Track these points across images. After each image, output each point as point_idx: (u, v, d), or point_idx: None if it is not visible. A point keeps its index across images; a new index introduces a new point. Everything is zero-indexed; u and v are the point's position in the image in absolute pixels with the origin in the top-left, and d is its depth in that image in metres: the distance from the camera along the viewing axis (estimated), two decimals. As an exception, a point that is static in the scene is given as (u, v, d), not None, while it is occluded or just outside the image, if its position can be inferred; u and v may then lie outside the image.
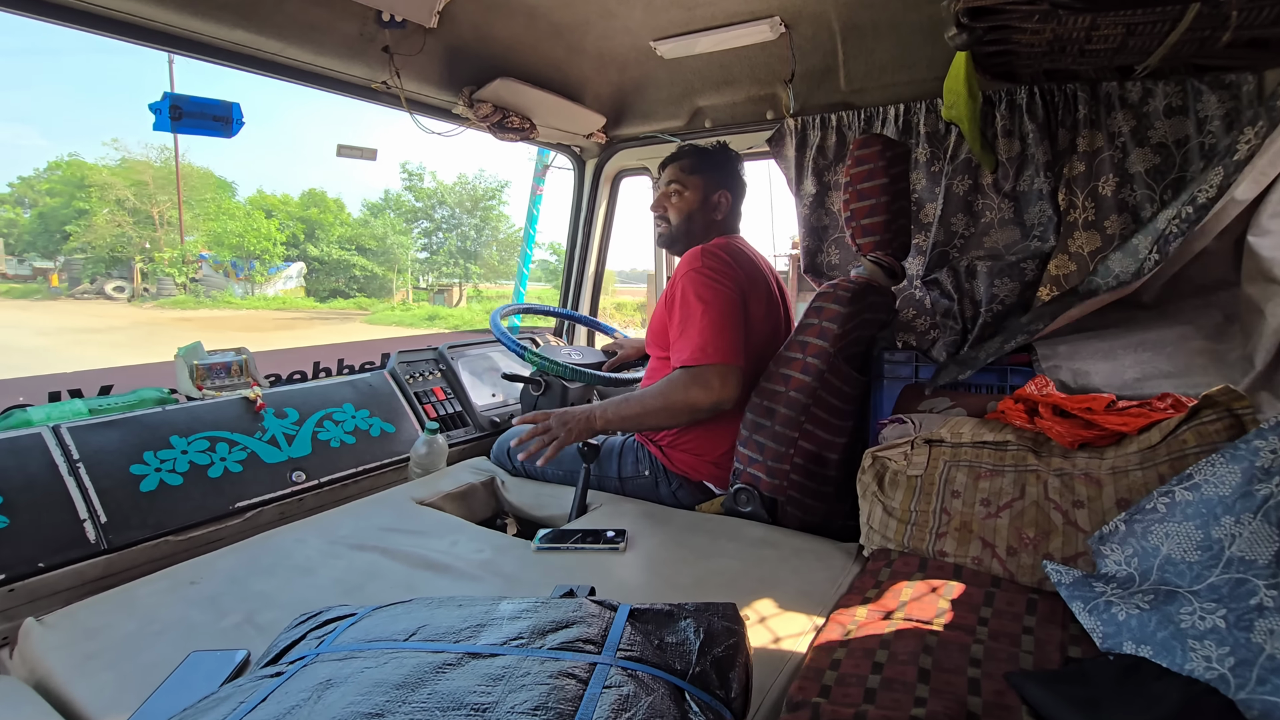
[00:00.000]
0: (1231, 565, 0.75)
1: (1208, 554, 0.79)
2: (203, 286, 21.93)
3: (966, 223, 1.74)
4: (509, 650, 0.65)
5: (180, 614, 1.01)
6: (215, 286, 21.96)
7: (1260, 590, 0.71)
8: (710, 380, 1.35)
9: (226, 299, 21.48)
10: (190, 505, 1.34)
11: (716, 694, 0.65)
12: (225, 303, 21.22)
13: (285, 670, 0.67)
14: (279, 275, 22.73)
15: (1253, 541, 0.75)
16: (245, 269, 22.28)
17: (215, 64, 1.39)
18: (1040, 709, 0.72)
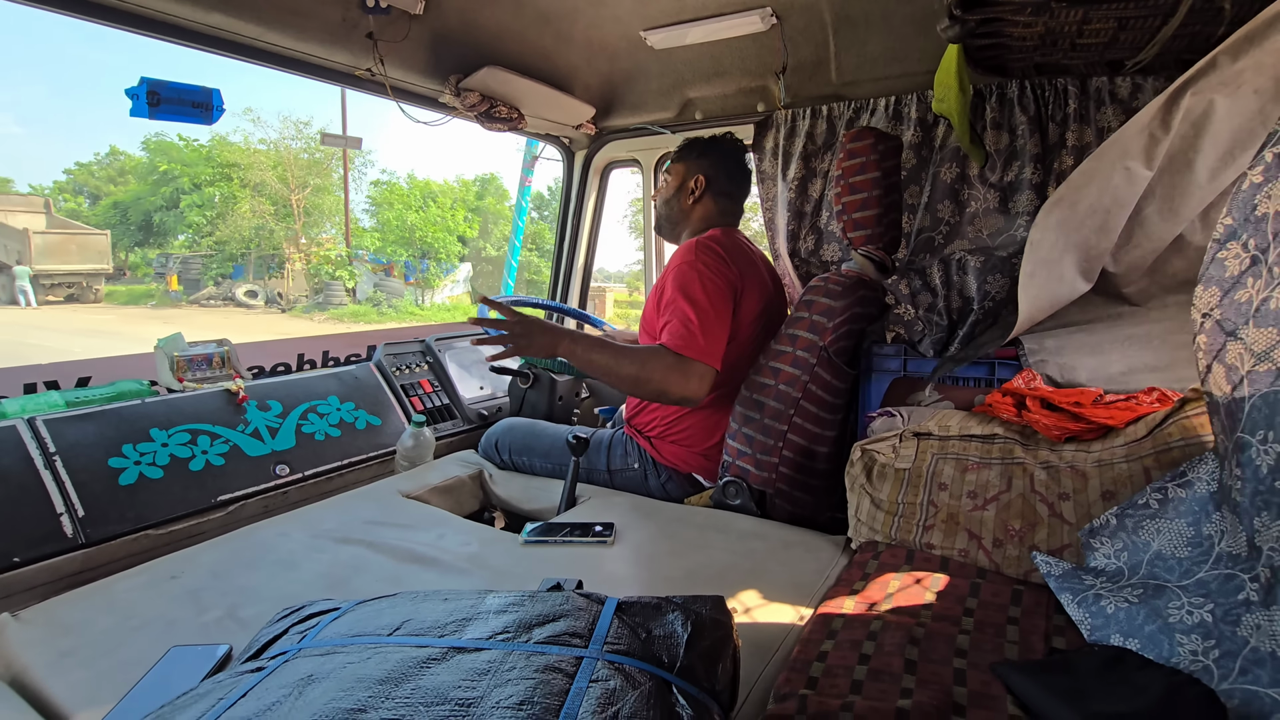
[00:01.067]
0: (1221, 561, 0.76)
1: (1198, 550, 0.79)
2: (382, 293, 17.72)
3: (952, 210, 1.74)
4: (495, 644, 0.65)
5: (160, 609, 0.99)
6: (393, 293, 17.81)
7: (1246, 585, 0.72)
8: (691, 374, 1.34)
9: (409, 308, 17.17)
10: (171, 499, 1.32)
11: (703, 686, 0.65)
12: (409, 313, 16.74)
13: (266, 666, 0.66)
14: (449, 279, 18.84)
15: (1234, 535, 0.76)
16: (418, 270, 18.32)
17: (192, 48, 1.36)
18: (1025, 699, 0.72)
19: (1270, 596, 0.68)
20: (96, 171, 23.39)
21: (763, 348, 1.49)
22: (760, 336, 1.54)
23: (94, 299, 18.08)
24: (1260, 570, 0.70)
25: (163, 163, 19.22)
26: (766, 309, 1.58)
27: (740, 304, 1.48)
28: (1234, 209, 0.72)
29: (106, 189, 22.39)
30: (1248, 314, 0.71)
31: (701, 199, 1.64)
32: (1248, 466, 0.70)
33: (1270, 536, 0.68)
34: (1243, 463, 0.71)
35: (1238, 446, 0.72)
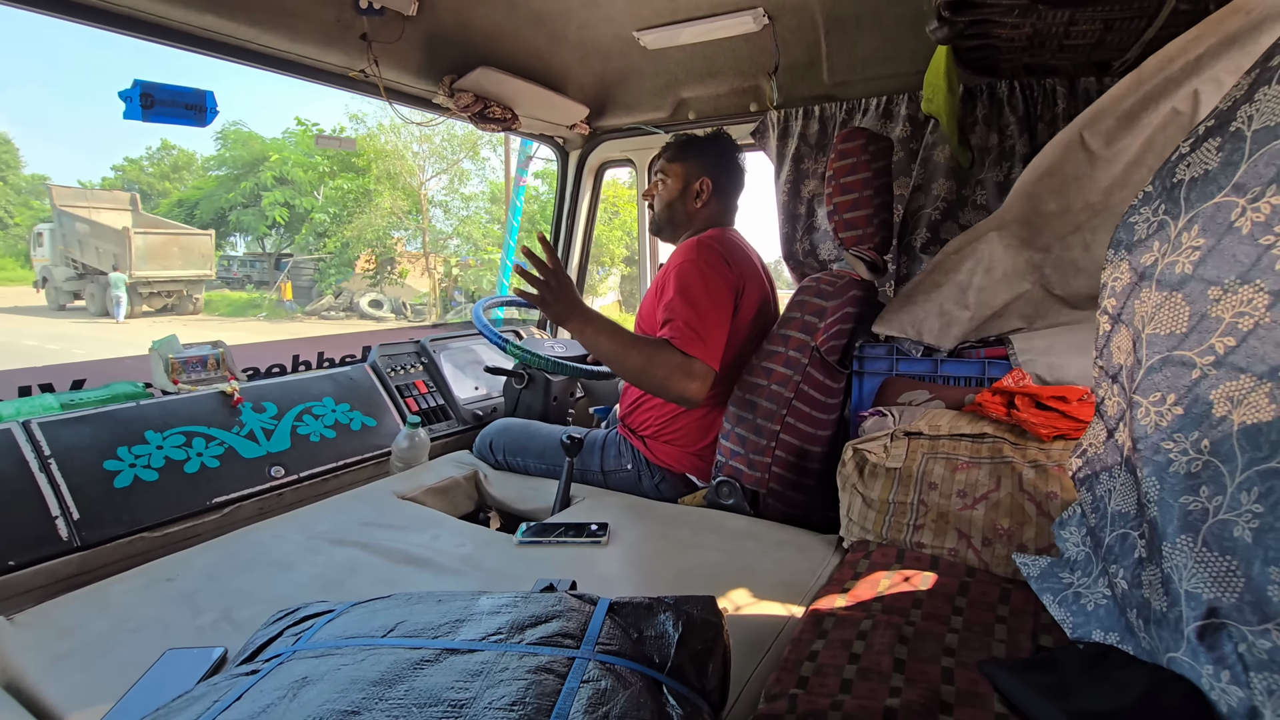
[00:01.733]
0: (1115, 522, 0.77)
1: (1098, 515, 0.81)
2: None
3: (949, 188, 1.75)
4: (487, 646, 0.65)
5: (156, 612, 1.00)
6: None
7: (1138, 543, 0.73)
8: (695, 375, 1.34)
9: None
10: (166, 501, 1.33)
11: (694, 686, 0.66)
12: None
13: (261, 668, 0.67)
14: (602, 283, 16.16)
15: (1124, 494, 0.77)
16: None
17: (184, 50, 1.36)
18: (1011, 697, 0.73)
19: (1151, 551, 0.69)
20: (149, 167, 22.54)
21: (757, 348, 1.50)
22: (755, 337, 1.55)
23: (193, 310, 16.55)
24: (1145, 526, 0.71)
25: (245, 154, 17.57)
26: (762, 309, 1.59)
27: (739, 305, 1.49)
28: (1156, 177, 0.74)
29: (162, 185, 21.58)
30: (1151, 278, 0.72)
31: (708, 202, 1.62)
32: (1136, 425, 0.72)
33: (1150, 491, 0.70)
34: (1135, 420, 0.73)
35: (1131, 406, 0.74)
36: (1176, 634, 0.64)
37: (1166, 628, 0.66)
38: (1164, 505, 0.66)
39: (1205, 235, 0.66)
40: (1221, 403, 0.63)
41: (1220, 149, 0.67)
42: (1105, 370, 0.81)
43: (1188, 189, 0.69)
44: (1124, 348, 0.78)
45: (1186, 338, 0.67)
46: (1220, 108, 0.69)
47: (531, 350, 1.74)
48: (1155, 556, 0.69)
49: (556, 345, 2.18)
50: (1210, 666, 0.60)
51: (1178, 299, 0.69)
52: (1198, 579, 0.62)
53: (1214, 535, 0.62)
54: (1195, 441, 0.65)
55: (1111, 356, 0.80)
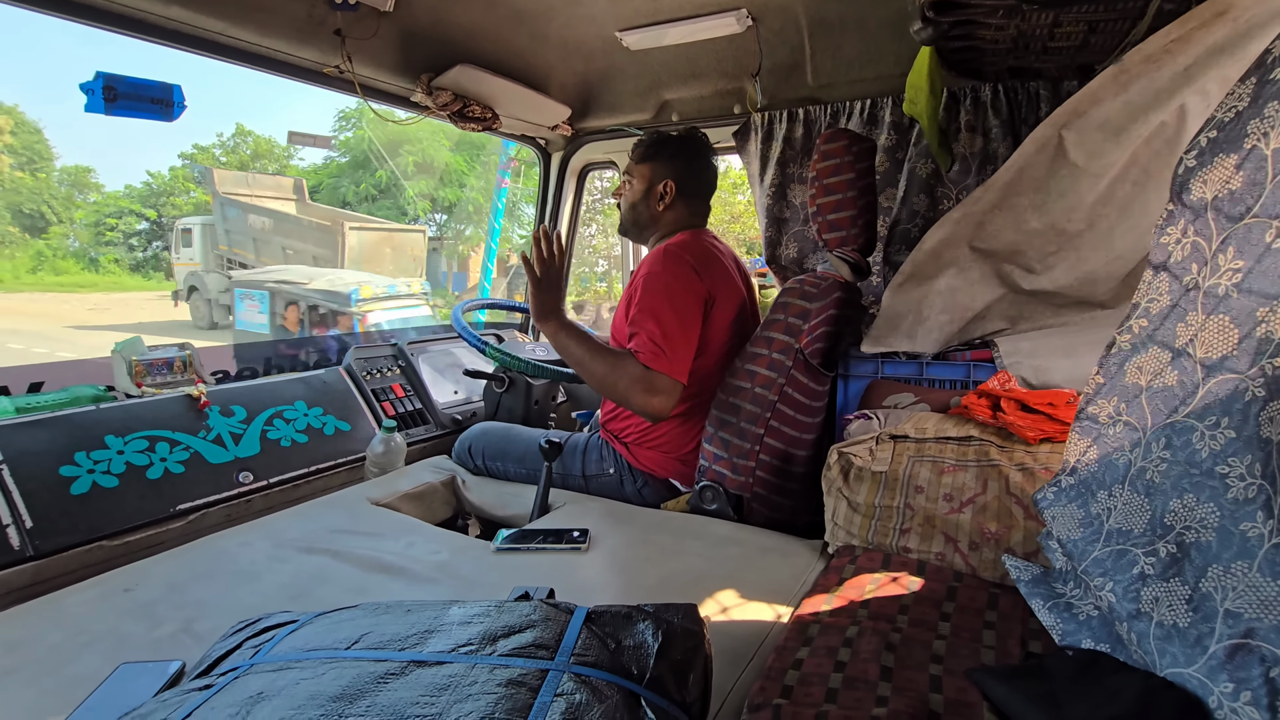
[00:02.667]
0: (1111, 538, 0.76)
1: (1089, 530, 0.80)
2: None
3: (927, 204, 1.75)
4: (457, 658, 0.62)
5: (111, 624, 0.95)
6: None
7: (1141, 560, 0.72)
8: (659, 389, 1.35)
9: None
10: (127, 508, 1.27)
11: (673, 698, 0.63)
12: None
13: (216, 683, 0.63)
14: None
15: (1126, 512, 0.76)
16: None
17: (151, 42, 1.32)
18: (1001, 705, 0.71)
19: (1170, 570, 0.68)
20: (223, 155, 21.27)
21: (735, 352, 1.48)
22: (734, 341, 1.53)
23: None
24: (1160, 545, 0.70)
25: (379, 135, 14.99)
26: (740, 313, 1.56)
27: (712, 313, 1.46)
28: (1173, 195, 0.73)
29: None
30: (1194, 299, 0.71)
31: (672, 204, 1.59)
32: (1184, 450, 0.71)
33: (1190, 517, 0.68)
34: (1178, 446, 0.72)
35: (1174, 430, 0.72)
36: (1196, 649, 0.63)
37: (1183, 643, 0.64)
38: (1224, 531, 0.65)
39: (1242, 257, 0.65)
40: (1267, 425, 0.62)
41: (1240, 167, 0.66)
42: (1109, 387, 0.80)
43: (1214, 209, 0.68)
44: (1149, 369, 0.76)
45: (1238, 360, 0.66)
46: (1220, 118, 0.68)
47: (512, 353, 1.71)
48: (1180, 575, 0.67)
49: (538, 348, 2.15)
50: (1229, 685, 0.59)
51: (1224, 321, 0.68)
52: (1243, 600, 0.61)
53: (1268, 561, 0.60)
54: (1250, 466, 0.64)
55: (1123, 375, 0.79)
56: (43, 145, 23.49)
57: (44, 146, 23.55)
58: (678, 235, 1.55)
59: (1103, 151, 1.11)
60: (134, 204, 24.33)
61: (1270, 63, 0.64)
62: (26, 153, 22.74)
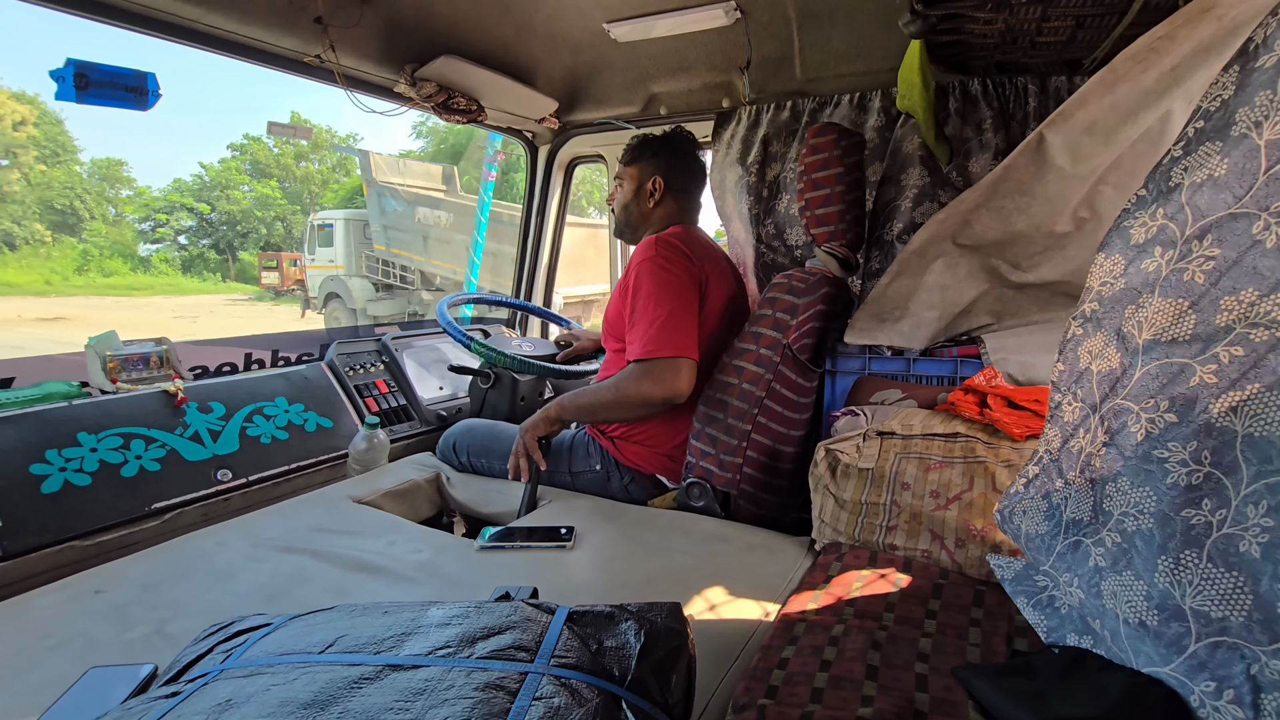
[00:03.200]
0: (1068, 530, 0.76)
1: (1051, 522, 0.79)
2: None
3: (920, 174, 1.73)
4: (433, 661, 0.60)
5: (81, 626, 0.92)
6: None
7: (1092, 551, 0.72)
8: (662, 374, 1.33)
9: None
10: (100, 507, 1.24)
11: (655, 700, 0.62)
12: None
13: (183, 689, 0.61)
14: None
15: (1079, 500, 0.76)
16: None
17: (125, 29, 1.28)
18: (987, 704, 0.71)
19: (1121, 562, 0.67)
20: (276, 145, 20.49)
21: (724, 346, 1.47)
22: (723, 334, 1.52)
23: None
24: (1106, 535, 0.70)
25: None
26: (730, 305, 1.56)
27: (705, 297, 1.46)
28: (1150, 181, 0.72)
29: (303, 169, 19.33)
30: (1153, 283, 0.70)
31: (662, 200, 1.61)
32: (1120, 433, 0.70)
33: (1126, 501, 0.68)
34: (1114, 429, 0.71)
35: (1114, 412, 0.72)
36: (1173, 650, 0.62)
37: (1158, 643, 0.63)
38: (1162, 518, 0.63)
39: (1221, 246, 0.64)
40: (1224, 413, 0.61)
41: (1225, 154, 0.64)
42: (1069, 373, 0.79)
43: (1190, 194, 0.67)
44: (1095, 352, 0.76)
45: (1189, 344, 0.65)
46: (1206, 107, 0.67)
47: (498, 348, 1.69)
48: (1135, 567, 0.66)
49: (524, 344, 2.12)
50: (1210, 684, 0.58)
51: (1182, 305, 0.66)
52: (1204, 596, 0.60)
53: (1219, 550, 0.59)
54: (1195, 452, 0.62)
55: (1078, 361, 0.78)
56: (65, 137, 22.79)
57: (67, 138, 22.87)
58: (669, 229, 1.54)
59: (1090, 154, 1.11)
60: (185, 198, 23.50)
61: (1253, 50, 0.63)
62: (50, 145, 21.97)
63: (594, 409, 1.42)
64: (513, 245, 2.58)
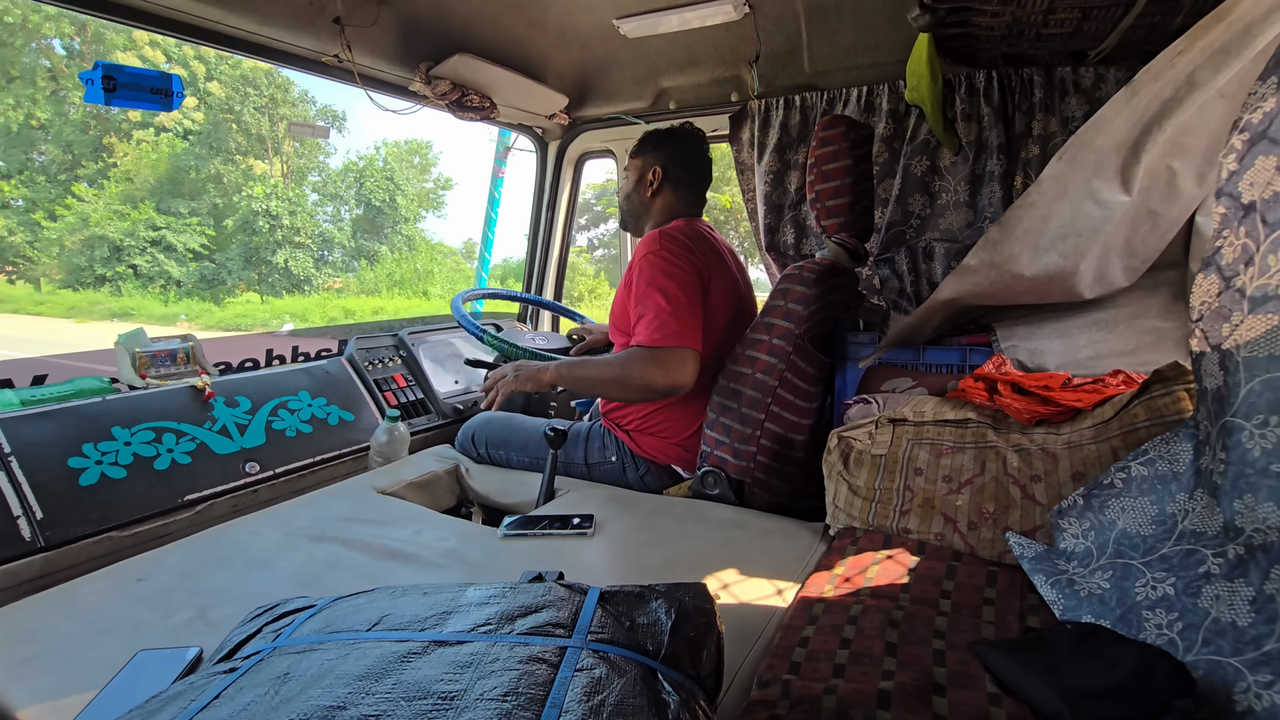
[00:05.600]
0: (1184, 538, 0.78)
1: (1161, 528, 0.81)
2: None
3: (923, 203, 1.77)
4: (477, 637, 0.64)
5: (126, 612, 0.96)
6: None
7: (1208, 559, 0.74)
8: (668, 363, 1.35)
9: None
10: (135, 499, 1.28)
11: (688, 673, 0.65)
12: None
13: (240, 666, 0.65)
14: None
15: (1204, 515, 0.78)
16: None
17: (151, 31, 1.31)
18: (1003, 676, 0.74)
19: (1237, 570, 0.70)
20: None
21: (734, 338, 1.49)
22: (730, 326, 1.55)
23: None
24: (1230, 547, 0.72)
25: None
26: (735, 299, 1.58)
27: (709, 290, 1.48)
28: (1223, 197, 0.74)
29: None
30: (1242, 300, 0.72)
31: (660, 190, 1.63)
32: (1235, 449, 0.72)
33: (1255, 518, 0.70)
34: (1229, 446, 0.73)
35: (1225, 430, 0.74)
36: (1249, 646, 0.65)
37: (1236, 639, 0.66)
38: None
39: None
40: None
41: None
42: (1199, 392, 0.81)
43: (1263, 210, 0.69)
44: (1207, 371, 0.78)
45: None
46: (1248, 119, 0.69)
47: (511, 342, 1.72)
48: (1245, 575, 0.69)
49: (537, 337, 2.16)
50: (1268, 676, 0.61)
51: (1272, 320, 0.69)
52: None
53: None
54: None
55: (1202, 380, 0.80)
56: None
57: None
58: (671, 222, 1.57)
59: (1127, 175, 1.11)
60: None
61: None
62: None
63: (593, 383, 1.42)
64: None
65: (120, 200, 17.57)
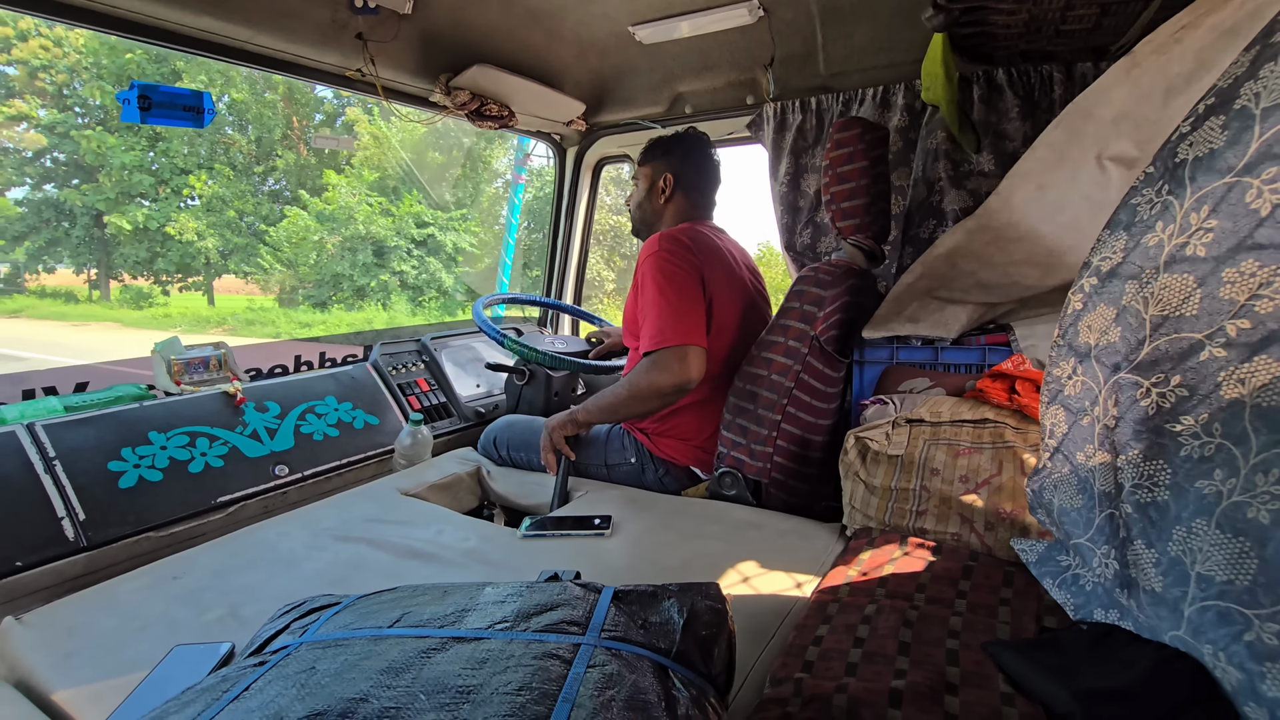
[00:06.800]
0: (1102, 502, 0.77)
1: (1085, 495, 0.80)
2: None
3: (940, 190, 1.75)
4: (494, 634, 0.66)
5: (162, 609, 1.00)
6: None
7: (1119, 521, 0.73)
8: (669, 363, 1.37)
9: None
10: (171, 501, 1.33)
11: (700, 670, 0.66)
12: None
13: (269, 660, 0.67)
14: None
15: (1105, 473, 0.77)
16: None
17: (183, 52, 1.37)
18: (1016, 677, 0.74)
19: (1138, 531, 0.69)
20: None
21: (748, 339, 1.50)
22: (743, 327, 1.56)
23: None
24: (1123, 505, 0.71)
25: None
26: (745, 299, 1.59)
27: (710, 291, 1.49)
28: (1157, 158, 0.73)
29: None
30: (1157, 259, 0.71)
31: (672, 197, 1.66)
32: (1130, 407, 0.71)
33: (1138, 474, 0.69)
34: (1123, 403, 0.72)
35: (1120, 387, 0.73)
36: (1175, 614, 0.64)
37: (1164, 606, 0.66)
38: (1178, 489, 0.65)
39: (1218, 217, 0.65)
40: (1232, 385, 0.63)
41: (1225, 127, 0.65)
42: (1070, 349, 0.81)
43: (1191, 168, 0.68)
44: (1097, 327, 0.77)
45: (1197, 320, 0.67)
46: (1220, 85, 0.68)
47: (532, 346, 1.74)
48: (1148, 536, 0.68)
49: (557, 341, 2.18)
50: (1209, 647, 0.60)
51: (1188, 280, 0.68)
52: (1213, 562, 0.62)
53: (1227, 518, 0.61)
54: (1206, 424, 0.64)
55: (1078, 335, 0.80)
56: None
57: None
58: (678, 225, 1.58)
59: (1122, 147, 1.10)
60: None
61: (1272, 28, 0.64)
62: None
63: (614, 408, 1.47)
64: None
65: (371, 191, 13.92)
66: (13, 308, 14.71)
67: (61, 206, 14.49)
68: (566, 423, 1.52)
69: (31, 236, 14.64)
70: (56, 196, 14.47)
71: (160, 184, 14.43)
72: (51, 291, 15.53)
